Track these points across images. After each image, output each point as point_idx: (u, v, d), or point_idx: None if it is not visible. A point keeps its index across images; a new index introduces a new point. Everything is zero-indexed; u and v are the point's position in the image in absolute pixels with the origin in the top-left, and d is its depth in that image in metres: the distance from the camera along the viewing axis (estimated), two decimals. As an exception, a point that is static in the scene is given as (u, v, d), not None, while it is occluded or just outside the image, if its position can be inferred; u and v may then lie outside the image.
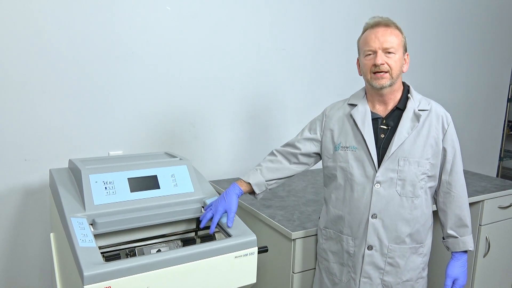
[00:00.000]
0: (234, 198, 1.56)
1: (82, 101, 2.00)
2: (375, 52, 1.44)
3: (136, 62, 2.10)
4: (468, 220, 1.55)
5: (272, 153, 1.71)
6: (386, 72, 1.44)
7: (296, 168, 1.68)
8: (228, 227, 1.50)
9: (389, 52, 1.44)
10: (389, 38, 1.44)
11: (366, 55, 1.47)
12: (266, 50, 2.47)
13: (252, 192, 1.65)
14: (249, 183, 1.61)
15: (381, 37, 1.44)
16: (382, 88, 1.46)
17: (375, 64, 1.44)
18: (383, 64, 1.43)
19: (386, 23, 1.46)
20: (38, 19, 1.85)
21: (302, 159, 1.66)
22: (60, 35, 1.90)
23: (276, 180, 1.66)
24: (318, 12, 2.62)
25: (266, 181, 1.63)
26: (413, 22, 3.05)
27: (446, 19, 3.25)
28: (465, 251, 1.57)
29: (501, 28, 3.63)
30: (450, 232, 1.56)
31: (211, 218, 1.52)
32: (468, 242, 1.55)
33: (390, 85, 1.46)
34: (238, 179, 1.64)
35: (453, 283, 1.56)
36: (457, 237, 1.55)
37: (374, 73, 1.45)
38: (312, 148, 1.65)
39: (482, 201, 2.22)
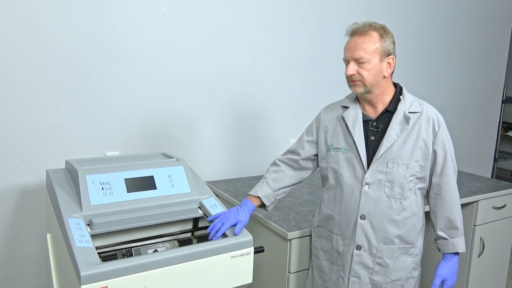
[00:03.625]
0: (246, 213, 1.58)
1: (79, 102, 2.00)
2: (348, 62, 1.48)
3: (133, 63, 2.10)
4: (458, 222, 1.55)
5: (274, 163, 1.73)
6: (357, 81, 1.47)
7: (301, 174, 1.70)
8: (234, 234, 1.50)
9: (361, 62, 1.45)
10: (359, 49, 1.44)
11: (345, 63, 1.51)
12: (262, 51, 2.48)
13: (262, 205, 1.66)
14: (258, 197, 1.63)
15: (352, 49, 1.45)
16: (359, 93, 1.50)
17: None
18: (353, 74, 1.46)
19: (362, 31, 1.45)
20: (35, 19, 1.86)
21: (304, 164, 1.69)
22: (57, 35, 1.91)
23: (283, 189, 1.68)
24: (313, 13, 2.63)
25: (273, 191, 1.65)
26: (407, 24, 3.07)
27: (441, 20, 3.27)
28: (456, 253, 1.58)
29: (495, 29, 3.66)
30: (440, 233, 1.57)
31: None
32: (458, 244, 1.55)
33: (366, 92, 1.49)
34: (235, 179, 1.65)
35: (442, 283, 1.57)
36: (447, 239, 1.56)
37: (349, 81, 1.50)
38: (311, 150, 1.67)
39: (476, 201, 2.24)
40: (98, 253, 1.38)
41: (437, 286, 1.56)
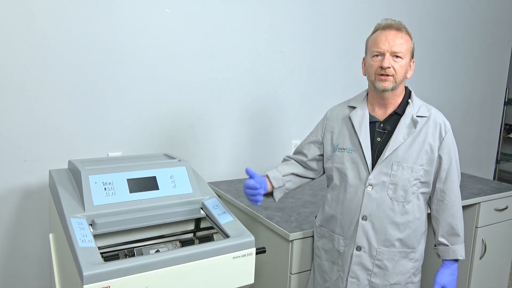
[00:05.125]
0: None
1: (81, 102, 2.01)
2: (383, 54, 1.45)
3: (135, 64, 2.11)
4: (460, 229, 1.54)
5: (284, 159, 1.76)
6: (390, 75, 1.45)
7: (307, 173, 1.71)
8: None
9: (397, 56, 1.45)
10: (398, 42, 1.44)
11: (374, 56, 1.47)
12: (265, 52, 2.49)
13: (270, 193, 1.66)
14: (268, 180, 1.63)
15: (391, 40, 1.44)
16: (384, 90, 1.47)
17: (381, 67, 1.45)
18: (389, 67, 1.44)
19: (398, 27, 1.47)
20: (37, 20, 1.86)
21: (312, 164, 1.70)
22: (59, 36, 1.92)
23: (292, 176, 1.68)
24: (316, 14, 2.63)
25: (282, 176, 1.65)
26: (410, 26, 3.04)
27: (442, 21, 3.27)
28: (456, 260, 1.56)
29: (497, 31, 3.66)
30: (441, 239, 1.55)
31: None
32: (458, 251, 1.54)
33: (393, 89, 1.47)
34: (237, 180, 1.65)
35: None
36: (447, 245, 1.54)
37: (379, 75, 1.46)
38: (316, 151, 1.68)
39: (478, 203, 2.24)
40: (101, 253, 1.38)
41: None
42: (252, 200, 1.53)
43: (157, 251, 1.53)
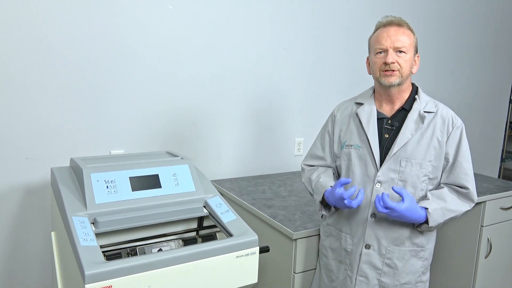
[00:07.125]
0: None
1: (84, 100, 2.00)
2: (386, 51, 1.45)
3: (138, 62, 2.10)
4: (451, 205, 1.44)
5: (308, 169, 1.69)
6: (395, 70, 1.44)
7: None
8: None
9: (400, 51, 1.44)
10: (401, 37, 1.44)
11: (377, 53, 1.47)
12: (268, 50, 2.47)
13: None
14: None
15: (393, 36, 1.44)
16: (390, 86, 1.46)
17: (385, 63, 1.44)
18: (393, 62, 1.43)
19: (399, 23, 1.47)
20: (39, 19, 1.85)
21: (331, 166, 1.66)
22: (61, 34, 1.90)
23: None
24: (319, 11, 2.61)
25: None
26: (414, 23, 3.03)
27: (448, 20, 3.25)
28: (425, 211, 1.42)
29: (503, 29, 3.63)
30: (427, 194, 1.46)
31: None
32: (429, 204, 1.41)
33: (399, 84, 1.46)
34: (240, 178, 1.63)
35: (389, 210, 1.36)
36: (428, 199, 1.44)
37: (384, 71, 1.46)
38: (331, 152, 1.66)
39: (483, 202, 2.22)
40: (103, 252, 1.37)
41: (384, 201, 1.35)
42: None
43: (160, 250, 1.52)
